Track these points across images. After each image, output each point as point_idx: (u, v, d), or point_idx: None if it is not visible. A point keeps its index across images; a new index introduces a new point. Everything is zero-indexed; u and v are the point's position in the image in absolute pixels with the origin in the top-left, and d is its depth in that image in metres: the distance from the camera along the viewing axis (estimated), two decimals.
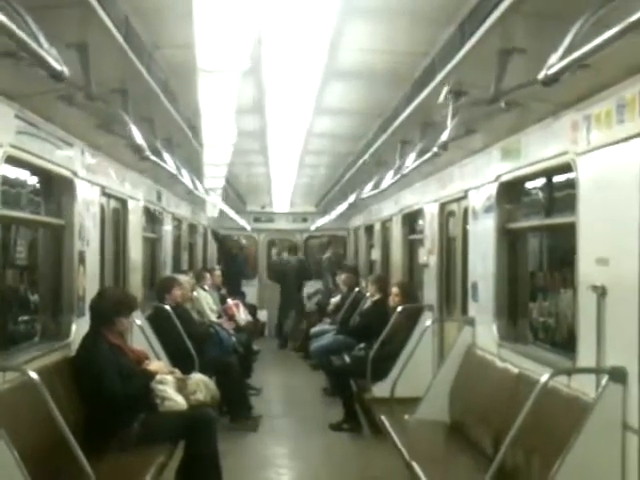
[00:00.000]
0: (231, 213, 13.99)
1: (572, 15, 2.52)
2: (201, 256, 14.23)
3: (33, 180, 5.22)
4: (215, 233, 15.41)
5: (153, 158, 5.02)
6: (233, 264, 14.47)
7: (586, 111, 3.86)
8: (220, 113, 5.81)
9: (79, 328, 5.30)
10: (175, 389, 5.18)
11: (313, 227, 16.69)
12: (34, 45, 2.23)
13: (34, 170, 5.01)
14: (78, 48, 3.30)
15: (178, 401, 5.12)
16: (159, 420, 5.00)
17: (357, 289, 10.86)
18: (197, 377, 5.50)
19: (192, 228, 12.86)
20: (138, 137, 4.38)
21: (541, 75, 2.62)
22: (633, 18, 1.85)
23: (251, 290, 15.92)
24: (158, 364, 5.59)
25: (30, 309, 5.46)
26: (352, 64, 4.82)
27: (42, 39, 2.38)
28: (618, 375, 3.49)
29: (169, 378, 5.25)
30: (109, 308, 5.21)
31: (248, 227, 16.66)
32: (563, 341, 4.91)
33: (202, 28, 3.80)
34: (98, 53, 3.39)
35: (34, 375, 3.67)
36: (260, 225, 17.24)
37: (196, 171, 8.64)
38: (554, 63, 2.49)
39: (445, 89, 4.16)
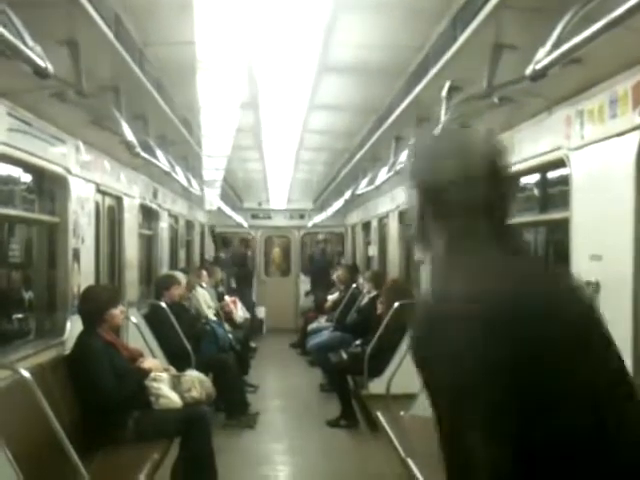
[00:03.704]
0: (228, 210, 13.96)
1: (561, 10, 2.50)
2: (198, 253, 14.21)
3: (27, 178, 5.21)
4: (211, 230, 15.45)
5: (144, 155, 4.99)
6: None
7: (579, 106, 3.84)
8: (217, 107, 5.80)
9: (73, 326, 5.28)
10: (170, 387, 5.17)
11: (310, 224, 16.65)
12: (16, 42, 2.22)
13: (27, 167, 4.99)
14: (68, 45, 3.29)
15: (173, 399, 5.10)
16: (154, 418, 4.98)
17: (354, 285, 10.84)
18: (192, 374, 5.48)
19: (189, 225, 12.84)
20: (129, 134, 4.36)
21: (529, 70, 2.61)
22: (616, 12, 1.84)
23: None
24: (152, 362, 5.56)
25: (24, 307, 5.44)
26: (346, 59, 4.80)
27: (27, 36, 2.37)
28: None
29: (164, 376, 5.23)
30: (96, 306, 5.17)
31: (245, 224, 16.62)
32: None
33: (198, 24, 3.80)
34: (88, 50, 3.38)
35: (26, 373, 3.65)
36: (257, 222, 17.18)
37: (192, 168, 8.62)
38: (541, 58, 2.48)
39: (447, 84, 4.14)
